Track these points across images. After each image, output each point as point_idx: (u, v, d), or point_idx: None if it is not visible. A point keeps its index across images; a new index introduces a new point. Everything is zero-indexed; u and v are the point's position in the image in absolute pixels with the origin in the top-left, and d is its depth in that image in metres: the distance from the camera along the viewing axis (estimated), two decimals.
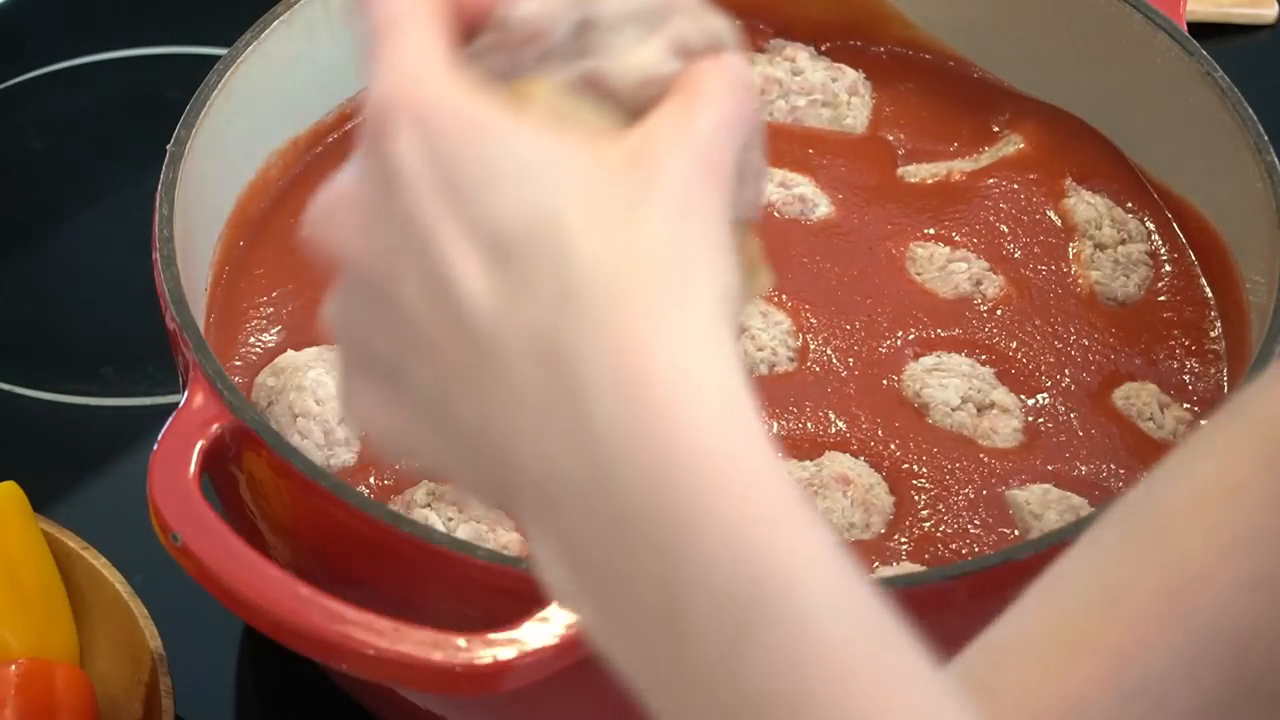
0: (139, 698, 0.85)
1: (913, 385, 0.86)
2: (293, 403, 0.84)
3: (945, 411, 0.85)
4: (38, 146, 1.18)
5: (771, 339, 0.87)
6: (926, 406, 0.85)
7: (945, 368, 0.87)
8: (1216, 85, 0.90)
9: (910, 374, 0.87)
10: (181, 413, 0.76)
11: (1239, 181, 0.88)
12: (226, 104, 0.90)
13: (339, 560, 0.76)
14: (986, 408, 0.85)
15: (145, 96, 1.18)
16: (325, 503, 0.74)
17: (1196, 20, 1.21)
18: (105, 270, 1.10)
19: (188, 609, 0.82)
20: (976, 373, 0.87)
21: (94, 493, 0.99)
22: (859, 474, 0.82)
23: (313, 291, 0.90)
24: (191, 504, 0.72)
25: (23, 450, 1.01)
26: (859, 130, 0.99)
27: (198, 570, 0.71)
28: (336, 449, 0.83)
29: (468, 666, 0.68)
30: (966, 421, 0.85)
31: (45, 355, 1.06)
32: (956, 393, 0.85)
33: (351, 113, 0.99)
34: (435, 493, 0.81)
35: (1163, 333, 0.90)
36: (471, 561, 0.72)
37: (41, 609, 0.87)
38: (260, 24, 0.92)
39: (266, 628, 0.70)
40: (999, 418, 0.85)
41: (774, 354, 0.87)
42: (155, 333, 0.82)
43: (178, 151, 0.86)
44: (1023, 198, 0.94)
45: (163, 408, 0.99)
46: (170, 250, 0.82)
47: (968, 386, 0.86)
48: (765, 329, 0.87)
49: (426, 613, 0.70)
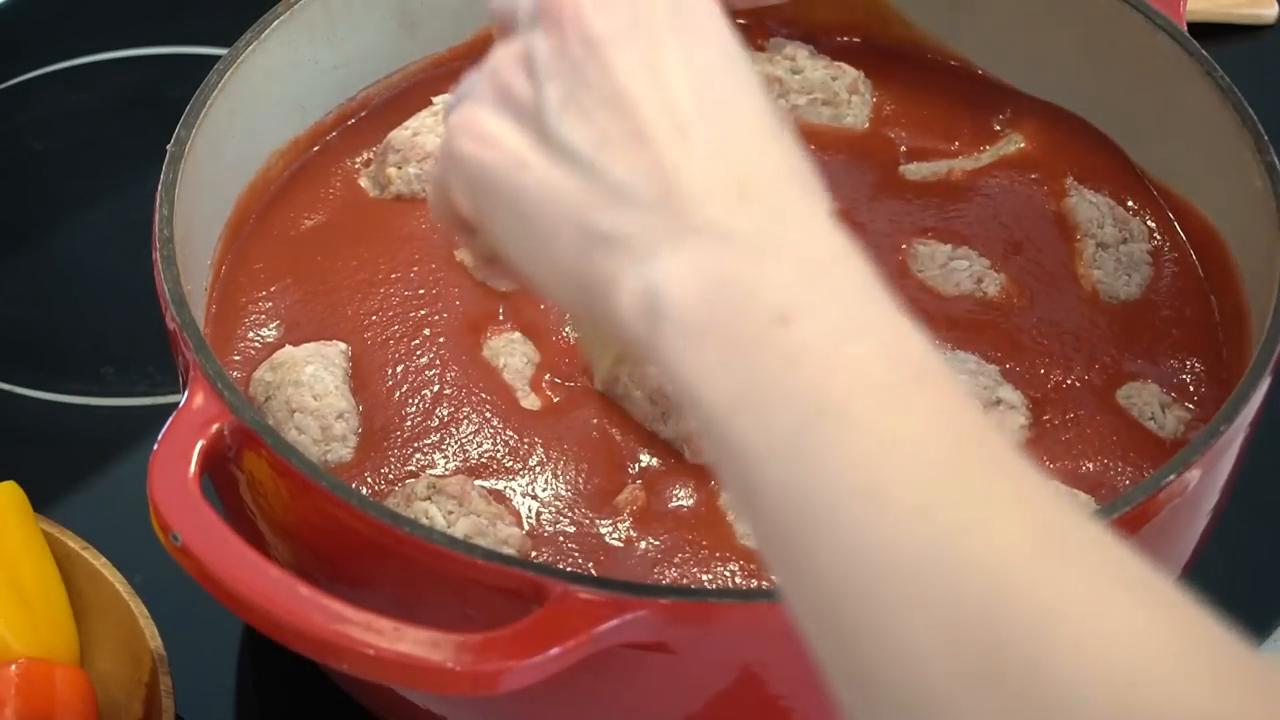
0: (139, 698, 0.85)
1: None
2: (290, 398, 0.84)
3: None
4: (38, 146, 1.18)
5: None
6: None
7: (951, 365, 0.86)
8: (1216, 85, 0.90)
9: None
10: (181, 413, 0.76)
11: (1239, 181, 0.88)
12: (226, 104, 0.90)
13: (339, 560, 0.76)
14: (993, 405, 0.85)
15: (145, 96, 1.19)
16: (325, 502, 0.74)
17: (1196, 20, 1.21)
18: (105, 270, 1.10)
19: (188, 609, 0.82)
20: (983, 370, 0.86)
21: (94, 493, 0.99)
22: None
23: (311, 286, 0.90)
24: (191, 504, 0.72)
25: (23, 450, 1.01)
26: (860, 128, 0.99)
27: (198, 570, 0.71)
28: (333, 444, 0.83)
29: (468, 666, 0.68)
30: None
31: (45, 355, 1.06)
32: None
33: (351, 113, 0.99)
34: (435, 486, 0.81)
35: (1164, 332, 0.90)
36: (471, 561, 0.72)
37: (41, 609, 0.87)
38: (260, 24, 0.92)
39: (266, 628, 0.70)
40: (1006, 414, 0.85)
41: None
42: (155, 333, 0.82)
43: (178, 151, 0.86)
44: (1024, 196, 0.94)
45: (163, 408, 0.99)
46: (170, 250, 0.82)
47: (974, 384, 0.85)
48: None
49: (426, 613, 0.70)
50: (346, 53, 0.98)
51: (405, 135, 0.95)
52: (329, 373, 0.85)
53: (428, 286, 0.90)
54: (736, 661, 0.73)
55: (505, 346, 0.87)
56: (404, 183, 0.94)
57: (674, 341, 0.56)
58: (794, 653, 0.73)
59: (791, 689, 0.74)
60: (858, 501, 0.52)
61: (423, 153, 0.95)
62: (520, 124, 0.60)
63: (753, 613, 0.71)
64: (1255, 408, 0.78)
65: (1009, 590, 0.50)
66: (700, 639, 0.72)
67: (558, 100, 0.59)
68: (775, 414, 0.54)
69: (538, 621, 0.69)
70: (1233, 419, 0.76)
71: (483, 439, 0.84)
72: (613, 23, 0.59)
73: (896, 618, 0.51)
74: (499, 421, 0.84)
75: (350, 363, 0.87)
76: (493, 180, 0.60)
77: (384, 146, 0.96)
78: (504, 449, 0.84)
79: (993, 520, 0.51)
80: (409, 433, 0.84)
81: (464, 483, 0.81)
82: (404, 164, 0.95)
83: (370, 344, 0.88)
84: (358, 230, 0.93)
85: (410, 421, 0.84)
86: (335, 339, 0.88)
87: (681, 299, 0.56)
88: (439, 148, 0.64)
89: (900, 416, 0.53)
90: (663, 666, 0.72)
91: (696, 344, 0.55)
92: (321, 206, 0.95)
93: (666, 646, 0.71)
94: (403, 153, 0.95)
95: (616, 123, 0.58)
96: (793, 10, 1.02)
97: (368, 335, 0.88)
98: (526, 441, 0.84)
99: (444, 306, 0.89)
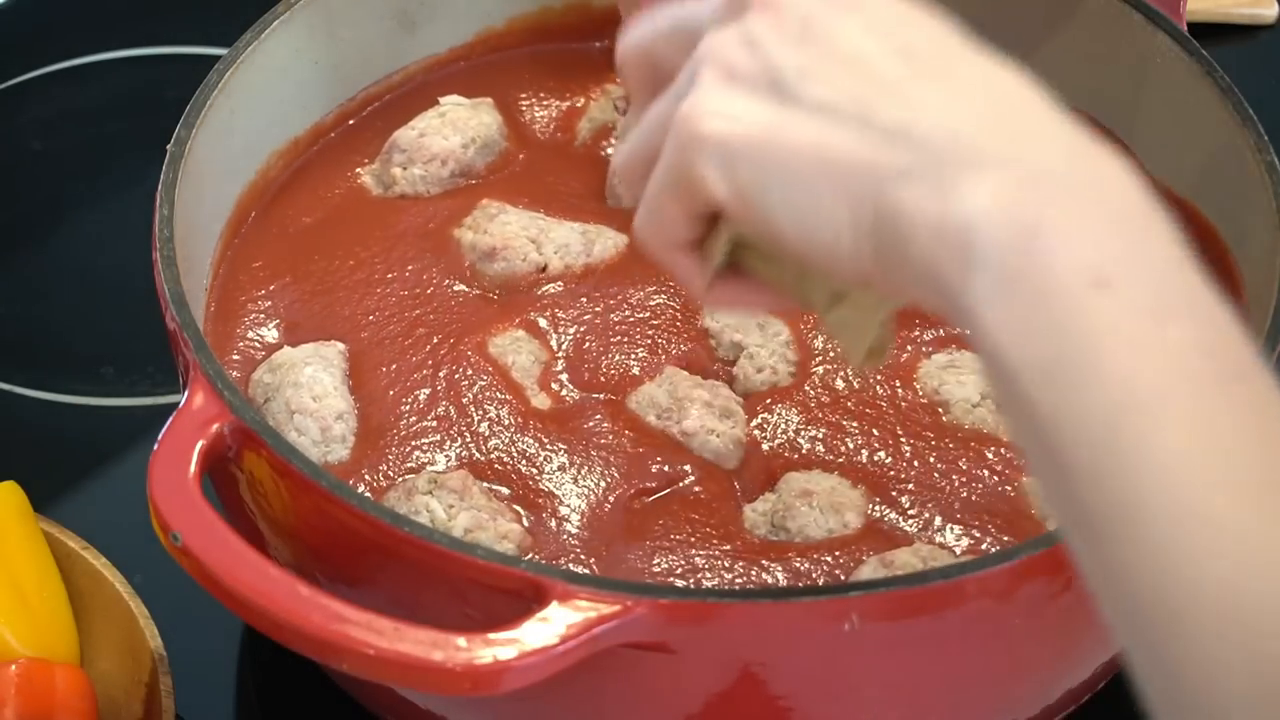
0: (139, 697, 0.85)
1: (930, 383, 0.86)
2: (289, 399, 0.84)
3: (966, 408, 0.85)
4: (38, 146, 1.18)
5: (770, 355, 0.87)
6: (947, 404, 0.85)
7: (960, 365, 0.86)
8: (1216, 85, 0.90)
9: (925, 371, 0.87)
10: (181, 413, 0.76)
11: (1239, 181, 0.88)
12: (226, 104, 0.90)
13: (339, 560, 0.76)
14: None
15: (145, 96, 1.19)
16: (325, 502, 0.74)
17: (1196, 20, 1.21)
18: (105, 270, 1.10)
19: (188, 609, 0.82)
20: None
21: (94, 493, 0.99)
22: (814, 482, 0.82)
23: (309, 286, 0.91)
24: (191, 504, 0.72)
25: (23, 450, 1.01)
26: None
27: (198, 570, 0.71)
28: (332, 445, 0.83)
29: (468, 666, 0.68)
30: (987, 418, 0.85)
31: (45, 355, 1.06)
32: (975, 389, 0.85)
33: (351, 113, 0.99)
34: (437, 480, 0.81)
35: None
36: (471, 561, 0.72)
37: (41, 609, 0.87)
38: (260, 24, 0.92)
39: (266, 628, 0.70)
40: None
41: (774, 371, 0.87)
42: (155, 333, 0.82)
43: (178, 151, 0.86)
44: None
45: (163, 408, 0.99)
46: (170, 250, 0.82)
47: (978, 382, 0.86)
48: (764, 343, 0.87)
49: (426, 613, 0.70)
50: (346, 53, 0.98)
51: (412, 135, 0.95)
52: (328, 373, 0.85)
53: (423, 286, 0.90)
54: (736, 661, 0.73)
55: (511, 345, 0.87)
56: (408, 183, 0.95)
57: (985, 289, 0.53)
58: (794, 653, 0.73)
59: (791, 689, 0.74)
60: (1168, 512, 0.50)
61: (429, 154, 0.95)
62: (763, 97, 0.58)
63: (753, 613, 0.71)
64: None
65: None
66: (700, 639, 0.72)
67: (795, 69, 0.58)
68: (1087, 396, 0.51)
69: (537, 622, 0.69)
70: None
71: (491, 437, 0.84)
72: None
73: (1202, 630, 0.50)
74: (507, 418, 0.84)
75: (349, 362, 0.87)
76: (758, 149, 0.58)
77: (389, 146, 0.96)
78: (513, 447, 0.83)
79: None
80: (409, 431, 0.84)
81: (465, 477, 0.81)
82: (410, 164, 0.95)
83: (369, 343, 0.88)
84: (356, 230, 0.93)
85: (410, 419, 0.84)
86: (334, 339, 0.88)
87: (994, 235, 0.53)
88: (667, 152, 0.61)
89: (1218, 419, 0.51)
90: (663, 666, 0.72)
91: (1008, 294, 0.53)
92: (321, 206, 0.95)
93: (666, 646, 0.71)
94: (409, 153, 0.95)
95: (862, 80, 0.57)
96: None
97: (364, 334, 0.88)
98: (536, 440, 0.84)
99: (440, 305, 0.89)
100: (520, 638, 0.69)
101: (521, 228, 0.91)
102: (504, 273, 0.90)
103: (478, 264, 0.91)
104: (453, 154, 0.95)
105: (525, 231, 0.91)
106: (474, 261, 0.91)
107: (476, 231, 0.92)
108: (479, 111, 0.97)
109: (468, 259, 0.91)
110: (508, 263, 0.90)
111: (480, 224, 0.92)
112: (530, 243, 0.91)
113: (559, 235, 0.91)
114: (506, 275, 0.90)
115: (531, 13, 1.03)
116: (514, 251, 0.90)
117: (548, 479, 0.82)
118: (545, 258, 0.90)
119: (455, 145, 0.95)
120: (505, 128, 0.98)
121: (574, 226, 0.92)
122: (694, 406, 0.84)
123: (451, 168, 0.95)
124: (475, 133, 0.96)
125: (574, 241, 0.91)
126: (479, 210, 0.93)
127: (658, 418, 0.84)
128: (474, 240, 0.91)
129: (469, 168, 0.96)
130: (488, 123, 0.97)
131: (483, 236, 0.91)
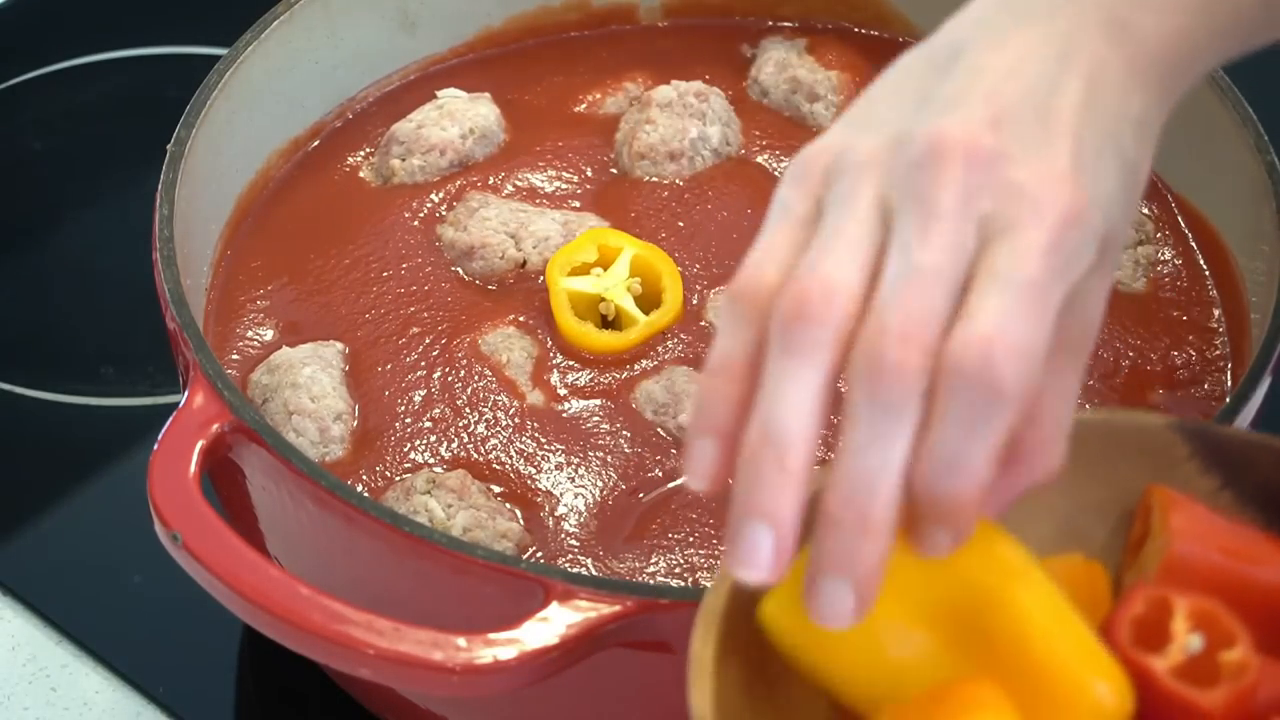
0: None
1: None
2: (287, 400, 0.84)
3: None
4: (38, 146, 1.18)
5: None
6: None
7: None
8: (1216, 85, 0.90)
9: None
10: (181, 413, 0.76)
11: (1239, 181, 0.88)
12: (226, 104, 0.90)
13: (339, 560, 0.76)
14: None
15: (145, 96, 1.19)
16: (325, 502, 0.74)
17: None
18: (105, 270, 1.10)
19: (188, 609, 0.82)
20: None
21: (94, 493, 0.99)
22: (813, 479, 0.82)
23: (308, 285, 0.91)
24: (191, 504, 0.72)
25: (23, 450, 1.01)
26: None
27: (198, 570, 0.71)
28: (331, 446, 0.83)
29: (468, 666, 0.68)
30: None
31: (45, 355, 1.06)
32: None
33: (351, 112, 0.99)
34: (435, 480, 0.81)
35: (1164, 332, 0.90)
36: (471, 561, 0.72)
37: None
38: (260, 24, 0.92)
39: (266, 628, 0.70)
40: None
41: None
42: (155, 333, 0.82)
43: (178, 151, 0.86)
44: None
45: (163, 408, 0.99)
46: (170, 250, 0.82)
47: None
48: None
49: (426, 613, 0.70)
50: (346, 53, 0.98)
51: (410, 127, 0.95)
52: (326, 374, 0.85)
53: (419, 283, 0.90)
54: None
55: (503, 342, 0.87)
56: (407, 174, 0.95)
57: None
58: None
59: None
60: None
61: (427, 144, 0.95)
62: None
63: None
64: (1255, 408, 0.78)
65: None
66: None
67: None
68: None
69: (537, 622, 0.69)
70: (1233, 419, 0.76)
71: (487, 434, 0.84)
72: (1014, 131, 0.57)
73: None
74: (504, 417, 0.84)
75: (347, 362, 0.87)
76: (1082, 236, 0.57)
77: (387, 138, 0.96)
78: (510, 446, 0.84)
79: None
80: (407, 430, 0.84)
81: (464, 477, 0.81)
82: (408, 155, 0.95)
83: (366, 342, 0.88)
84: (354, 230, 0.93)
85: (407, 420, 0.84)
86: (332, 338, 0.88)
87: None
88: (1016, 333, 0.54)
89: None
90: (663, 666, 0.72)
91: None
92: (320, 206, 0.95)
93: (666, 646, 0.71)
94: (407, 144, 0.95)
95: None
96: (790, 9, 1.03)
97: (360, 333, 0.88)
98: (534, 439, 0.84)
99: (435, 303, 0.89)
100: (520, 638, 0.69)
101: (501, 223, 0.91)
102: (483, 271, 0.90)
103: (458, 262, 0.91)
104: (451, 144, 0.95)
105: (504, 227, 0.91)
106: (454, 259, 0.91)
107: (457, 229, 0.91)
108: (477, 103, 0.97)
109: (448, 256, 0.91)
110: (485, 261, 0.90)
111: (461, 220, 0.92)
112: (509, 238, 0.91)
113: (540, 228, 0.91)
114: (486, 274, 0.90)
115: (530, 12, 1.03)
116: (491, 250, 0.90)
117: (545, 478, 0.83)
118: (524, 253, 0.90)
119: (453, 135, 0.95)
120: (503, 120, 0.98)
121: (555, 217, 0.92)
122: (691, 402, 0.84)
123: (450, 158, 0.95)
124: (473, 123, 0.96)
125: (554, 234, 0.91)
126: (461, 205, 0.93)
127: (655, 414, 0.84)
128: (453, 238, 0.91)
129: (467, 158, 0.96)
130: (485, 114, 0.97)
131: (461, 235, 0.91)
